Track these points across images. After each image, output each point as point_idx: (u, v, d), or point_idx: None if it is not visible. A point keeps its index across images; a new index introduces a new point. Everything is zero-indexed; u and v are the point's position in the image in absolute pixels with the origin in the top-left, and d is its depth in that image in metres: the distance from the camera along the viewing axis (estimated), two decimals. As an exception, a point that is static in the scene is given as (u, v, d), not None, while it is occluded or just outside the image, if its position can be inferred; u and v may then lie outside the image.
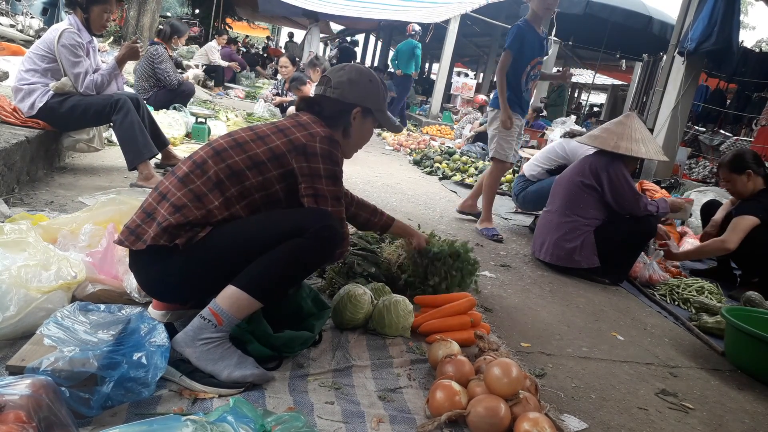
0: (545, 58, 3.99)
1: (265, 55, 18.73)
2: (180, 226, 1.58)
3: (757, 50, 9.40)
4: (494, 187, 4.14)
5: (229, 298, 1.56)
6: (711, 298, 3.25)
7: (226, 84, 11.25)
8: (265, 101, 7.58)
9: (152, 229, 1.59)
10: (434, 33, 13.05)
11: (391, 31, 20.56)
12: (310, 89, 6.17)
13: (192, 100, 6.30)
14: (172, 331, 1.64)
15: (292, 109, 6.49)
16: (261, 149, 1.68)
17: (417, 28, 10.56)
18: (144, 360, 1.39)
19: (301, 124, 1.76)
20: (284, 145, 1.69)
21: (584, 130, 6.57)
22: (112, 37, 10.38)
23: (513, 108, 3.96)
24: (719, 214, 3.86)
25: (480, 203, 4.25)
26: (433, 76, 19.84)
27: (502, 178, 6.33)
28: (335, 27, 21.30)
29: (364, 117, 1.88)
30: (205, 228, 1.60)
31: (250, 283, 1.57)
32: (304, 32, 13.61)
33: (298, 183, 1.71)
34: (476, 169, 6.65)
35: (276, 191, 1.70)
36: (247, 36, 31.79)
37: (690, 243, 4.37)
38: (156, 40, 5.98)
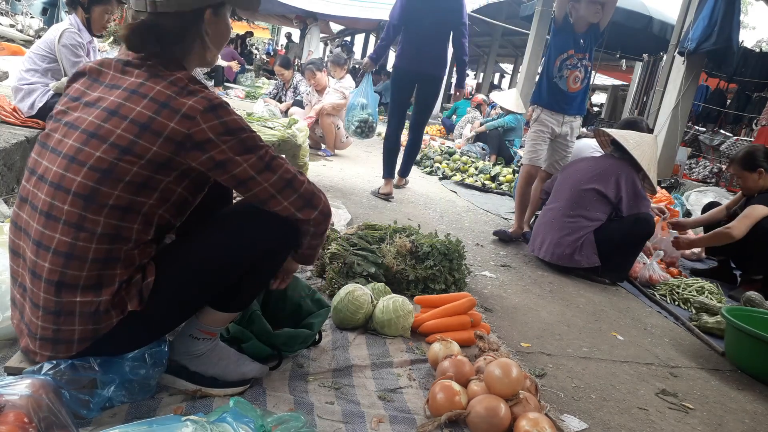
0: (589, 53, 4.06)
1: (268, 60, 18.65)
2: (115, 295, 1.29)
3: (758, 50, 9.38)
4: (522, 194, 4.06)
5: (212, 315, 1.50)
6: (711, 298, 3.25)
7: (225, 84, 11.24)
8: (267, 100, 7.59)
9: (76, 324, 1.29)
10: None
11: (391, 31, 20.50)
12: (324, 77, 6.18)
13: None
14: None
15: (294, 109, 6.54)
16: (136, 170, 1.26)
17: None
18: (144, 361, 1.39)
19: (161, 103, 1.25)
20: (163, 148, 1.25)
21: (589, 131, 6.57)
22: (111, 37, 10.36)
23: (546, 105, 3.92)
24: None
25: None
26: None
27: (502, 178, 6.33)
28: (335, 27, 21.27)
29: (217, 15, 1.38)
30: (139, 272, 1.33)
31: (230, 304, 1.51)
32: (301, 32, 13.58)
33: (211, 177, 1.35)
34: (476, 169, 6.64)
35: (178, 195, 1.36)
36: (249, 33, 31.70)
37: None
38: None
